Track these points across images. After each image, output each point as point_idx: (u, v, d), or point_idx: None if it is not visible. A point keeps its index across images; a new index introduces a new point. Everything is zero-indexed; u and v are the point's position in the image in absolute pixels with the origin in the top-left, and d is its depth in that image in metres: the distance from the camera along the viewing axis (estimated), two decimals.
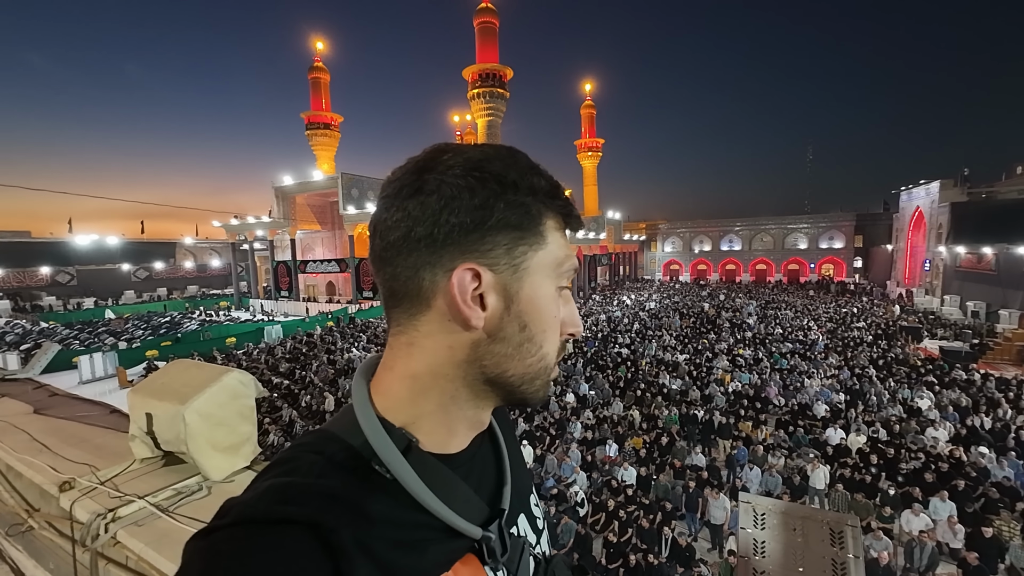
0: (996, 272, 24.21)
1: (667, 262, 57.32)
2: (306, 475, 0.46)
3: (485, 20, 42.29)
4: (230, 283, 43.54)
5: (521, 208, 0.50)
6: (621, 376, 14.82)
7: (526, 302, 0.51)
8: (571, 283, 0.59)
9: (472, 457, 0.57)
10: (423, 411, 0.52)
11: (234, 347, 21.58)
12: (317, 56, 47.96)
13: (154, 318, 32.76)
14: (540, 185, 0.52)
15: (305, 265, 37.72)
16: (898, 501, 7.67)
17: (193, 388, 1.36)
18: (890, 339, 20.13)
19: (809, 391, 12.97)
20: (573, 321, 0.56)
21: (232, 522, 0.40)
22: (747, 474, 8.76)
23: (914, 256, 36.03)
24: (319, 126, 47.45)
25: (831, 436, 10.01)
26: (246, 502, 0.43)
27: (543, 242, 0.52)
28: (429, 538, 0.48)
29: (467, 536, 0.51)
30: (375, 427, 0.50)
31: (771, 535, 1.15)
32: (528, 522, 0.65)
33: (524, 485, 0.68)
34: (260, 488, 0.44)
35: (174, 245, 50.68)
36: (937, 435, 10.05)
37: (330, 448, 0.49)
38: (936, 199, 31.20)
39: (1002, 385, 13.46)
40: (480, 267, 0.49)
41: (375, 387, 0.55)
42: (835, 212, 51.30)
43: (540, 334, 0.52)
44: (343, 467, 0.47)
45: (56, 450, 1.59)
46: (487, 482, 0.60)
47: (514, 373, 0.52)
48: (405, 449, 0.49)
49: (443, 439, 0.54)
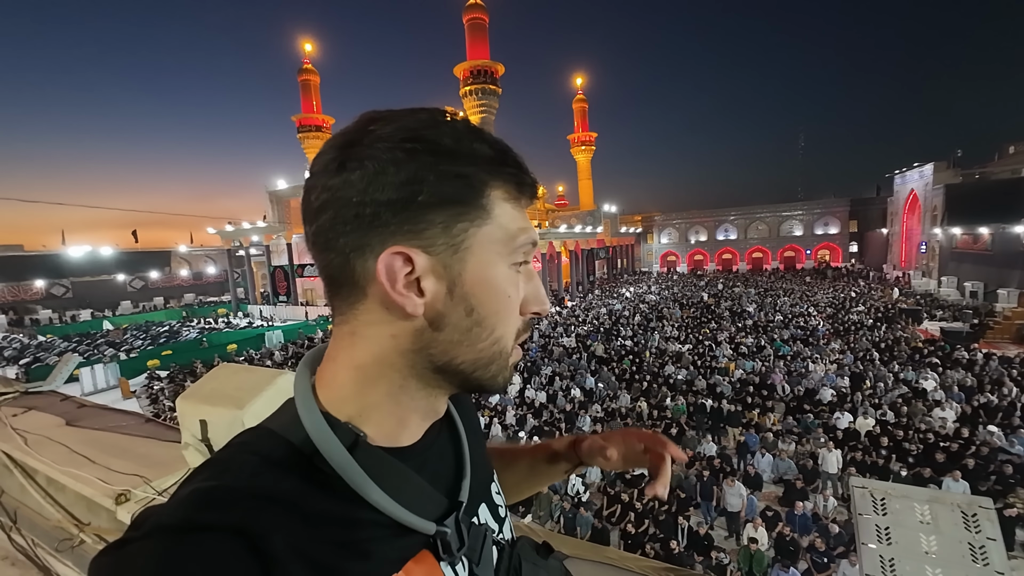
0: (992, 252, 24.37)
1: (664, 254, 57.39)
2: (237, 476, 0.41)
3: (475, 16, 42.03)
4: (227, 290, 43.27)
5: (458, 180, 0.45)
6: (626, 368, 14.85)
7: (471, 284, 0.46)
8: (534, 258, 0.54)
9: (427, 448, 0.53)
10: (371, 402, 0.48)
11: (235, 353, 21.48)
12: (306, 58, 47.58)
13: (152, 327, 32.50)
14: (481, 151, 0.46)
15: (303, 269, 37.49)
16: (910, 481, 7.71)
17: (248, 392, 1.32)
18: (890, 322, 20.25)
19: (814, 376, 13.03)
20: (537, 298, 0.52)
21: (146, 533, 0.36)
22: (759, 461, 8.80)
23: (910, 239, 36.21)
24: (311, 128, 47.10)
25: (839, 420, 10.06)
26: (163, 510, 0.38)
27: (488, 216, 0.46)
28: (377, 537, 0.44)
29: (421, 532, 0.47)
30: (317, 421, 0.45)
31: (895, 520, 1.12)
32: (489, 510, 0.62)
33: (485, 473, 0.65)
34: (182, 494, 0.39)
35: (169, 254, 50.27)
36: (945, 415, 10.12)
37: (267, 446, 0.45)
38: (930, 181, 31.34)
39: (1004, 363, 13.56)
40: (411, 249, 0.44)
41: (320, 379, 0.50)
42: (829, 198, 51.49)
43: (491, 317, 0.47)
44: (280, 465, 0.43)
45: (100, 462, 1.55)
46: (445, 473, 0.56)
47: (464, 360, 0.48)
48: (351, 444, 0.45)
49: (394, 431, 0.50)
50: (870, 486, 1.21)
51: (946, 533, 1.05)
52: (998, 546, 1.01)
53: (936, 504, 1.10)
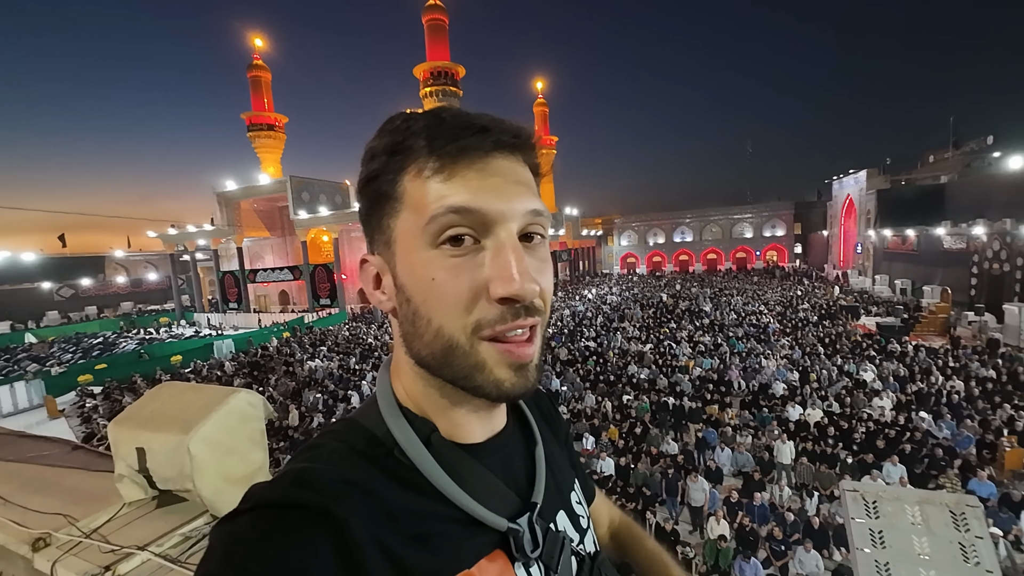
0: (918, 252, 26.56)
1: (624, 255, 58.85)
2: (326, 461, 0.45)
3: (434, 17, 41.64)
4: (170, 297, 40.56)
5: (375, 181, 0.47)
6: (591, 369, 15.04)
7: (401, 275, 0.47)
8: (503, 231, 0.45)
9: (501, 448, 0.55)
10: (423, 399, 0.51)
11: (180, 365, 20.11)
12: (256, 54, 45.50)
13: (84, 340, 29.91)
14: (384, 144, 0.47)
15: (255, 274, 35.74)
16: (856, 468, 8.20)
17: (195, 414, 1.17)
18: (832, 318, 21.62)
19: (767, 371, 13.68)
20: (501, 277, 0.43)
21: (251, 506, 0.40)
22: (718, 455, 9.10)
23: (847, 240, 38.91)
24: (262, 127, 45.04)
25: (791, 413, 10.59)
26: (266, 486, 0.42)
27: (400, 203, 0.46)
28: (450, 531, 0.46)
29: (494, 529, 0.48)
30: (395, 415, 0.50)
31: (887, 523, 1.12)
32: (569, 519, 0.61)
33: (564, 482, 0.65)
34: (281, 473, 0.44)
35: (103, 259, 46.51)
36: (883, 404, 10.86)
37: (353, 436, 0.49)
38: (864, 187, 33.83)
39: (931, 354, 14.76)
40: (368, 254, 0.50)
41: (393, 374, 0.54)
42: (775, 202, 54.50)
43: (422, 305, 0.45)
44: (364, 455, 0.47)
45: (16, 500, 1.33)
46: (518, 475, 0.57)
47: (423, 354, 0.47)
48: (427, 438, 0.48)
49: (453, 428, 0.51)
50: (861, 489, 1.23)
51: (937, 534, 1.07)
52: (986, 544, 1.03)
53: (926, 505, 1.12)
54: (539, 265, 0.47)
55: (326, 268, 32.45)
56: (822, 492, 7.79)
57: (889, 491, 1.25)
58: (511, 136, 0.47)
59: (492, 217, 0.44)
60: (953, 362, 13.84)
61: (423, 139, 0.45)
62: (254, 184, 34.66)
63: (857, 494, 1.21)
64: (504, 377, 0.45)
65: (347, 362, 17.87)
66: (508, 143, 0.47)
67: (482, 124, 0.45)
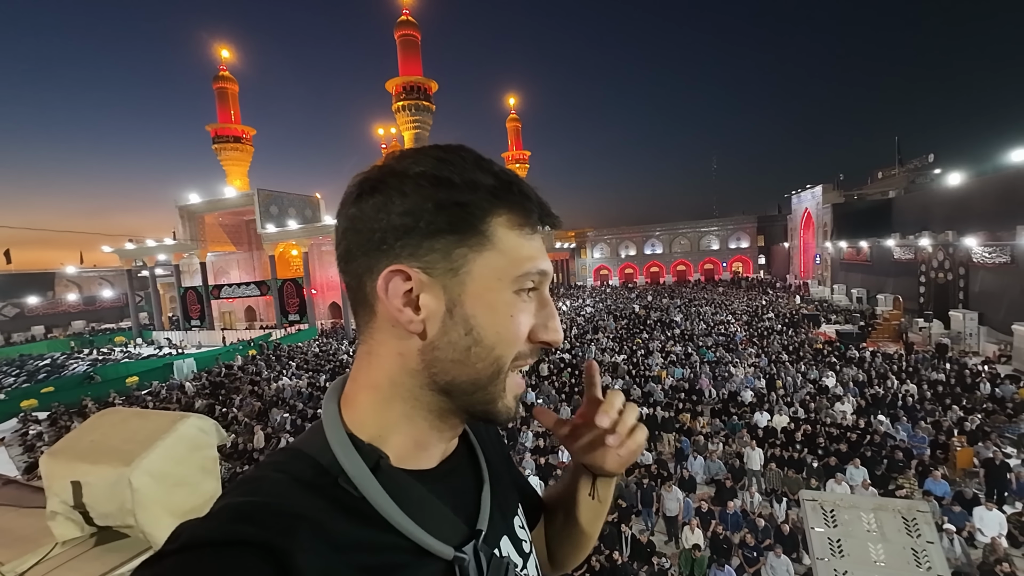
0: (872, 262, 28.04)
1: (597, 268, 59.71)
2: (267, 494, 0.44)
3: (406, 33, 41.89)
4: (127, 315, 38.52)
5: (457, 208, 0.47)
6: (566, 381, 15.07)
7: (471, 306, 0.48)
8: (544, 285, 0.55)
9: (448, 474, 0.56)
10: (388, 423, 0.51)
11: (136, 387, 19.02)
12: (222, 65, 44.54)
13: (29, 361, 27.98)
14: (483, 181, 0.48)
15: (219, 290, 34.41)
16: (821, 472, 8.46)
17: (139, 443, 1.10)
18: (795, 326, 22.48)
19: (736, 379, 14.04)
20: (548, 327, 0.52)
21: (182, 546, 0.38)
22: (691, 463, 9.23)
23: (807, 252, 40.73)
24: (229, 139, 43.93)
25: (759, 419, 10.87)
26: (199, 523, 0.40)
27: (488, 243, 0.48)
28: (398, 561, 0.46)
29: (440, 558, 0.48)
30: (343, 442, 0.48)
31: (845, 531, 1.14)
32: (512, 544, 0.61)
33: (508, 506, 0.65)
34: (216, 508, 0.43)
35: (52, 276, 43.91)
36: (844, 408, 11.29)
37: (296, 466, 0.48)
38: (820, 201, 35.62)
39: (887, 359, 15.51)
40: (410, 269, 0.47)
41: (344, 401, 0.53)
42: (739, 215, 56.66)
43: (490, 337, 0.49)
44: (309, 485, 0.45)
45: None
46: (465, 501, 0.57)
47: (464, 380, 0.49)
48: (374, 465, 0.48)
49: (412, 453, 0.52)
50: (820, 498, 1.26)
51: (891, 540, 1.11)
52: (936, 548, 1.08)
53: (880, 512, 1.16)
54: None
55: (295, 283, 31.58)
56: (790, 497, 7.98)
57: (846, 499, 1.29)
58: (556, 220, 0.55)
59: (548, 278, 0.53)
60: (907, 366, 14.58)
61: (515, 195, 0.50)
62: (220, 197, 33.60)
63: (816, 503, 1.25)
64: (512, 406, 0.52)
65: (317, 380, 17.32)
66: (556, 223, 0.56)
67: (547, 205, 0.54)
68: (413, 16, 42.21)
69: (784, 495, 8.05)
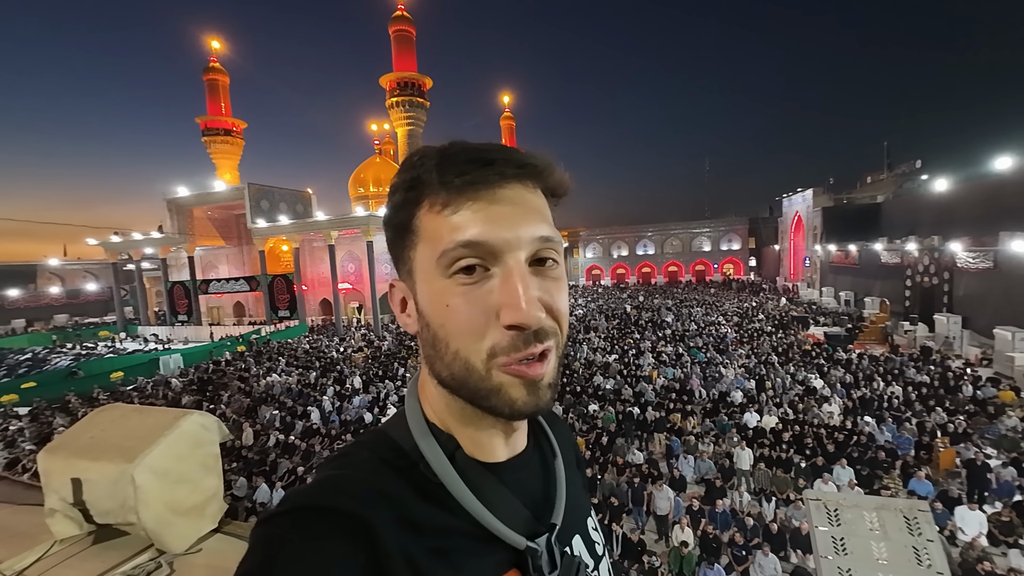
0: (859, 265, 28.46)
1: (589, 267, 59.89)
2: (359, 470, 0.48)
3: (401, 28, 41.57)
4: (111, 309, 37.81)
5: (397, 212, 0.50)
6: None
7: (422, 302, 0.50)
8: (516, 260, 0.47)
9: (518, 469, 0.56)
10: (446, 414, 0.53)
11: (121, 382, 18.71)
12: (213, 56, 43.79)
13: (9, 355, 27.35)
14: (403, 180, 0.50)
15: (207, 285, 33.96)
16: (809, 472, 8.58)
17: (141, 440, 1.08)
18: (784, 328, 22.75)
19: (726, 380, 14.18)
20: (508, 303, 0.45)
21: (288, 508, 0.43)
22: (681, 463, 9.30)
23: (797, 254, 41.21)
24: (219, 132, 43.22)
25: (749, 420, 10.99)
26: (302, 491, 0.45)
27: (417, 236, 0.49)
28: (470, 549, 0.47)
29: (511, 547, 0.49)
30: (423, 430, 0.52)
31: (848, 530, 1.17)
32: (585, 544, 0.61)
33: (581, 506, 0.65)
34: (318, 478, 0.47)
35: (34, 268, 43.04)
36: (831, 409, 11.46)
37: (382, 448, 0.51)
38: (810, 204, 36.06)
39: (873, 361, 15.76)
40: (395, 280, 0.54)
41: (421, 391, 0.56)
42: (731, 217, 57.17)
43: (440, 330, 0.48)
44: (393, 467, 0.49)
45: None
46: (536, 497, 0.57)
47: (447, 375, 0.50)
48: (451, 455, 0.50)
49: (477, 446, 0.53)
50: (824, 497, 1.28)
51: (893, 539, 1.13)
52: (936, 546, 1.10)
53: (883, 511, 1.19)
54: (553, 288, 0.49)
55: (285, 279, 31.26)
56: (779, 496, 8.09)
57: (849, 499, 1.32)
58: (516, 166, 0.48)
59: (499, 247, 0.46)
60: (893, 368, 14.83)
61: (434, 174, 0.47)
62: (209, 191, 33.12)
63: (820, 503, 1.27)
64: (517, 396, 0.48)
65: (307, 376, 17.17)
66: (513, 173, 0.48)
67: (489, 156, 0.47)
68: (408, 12, 41.92)
69: (773, 494, 8.15)
